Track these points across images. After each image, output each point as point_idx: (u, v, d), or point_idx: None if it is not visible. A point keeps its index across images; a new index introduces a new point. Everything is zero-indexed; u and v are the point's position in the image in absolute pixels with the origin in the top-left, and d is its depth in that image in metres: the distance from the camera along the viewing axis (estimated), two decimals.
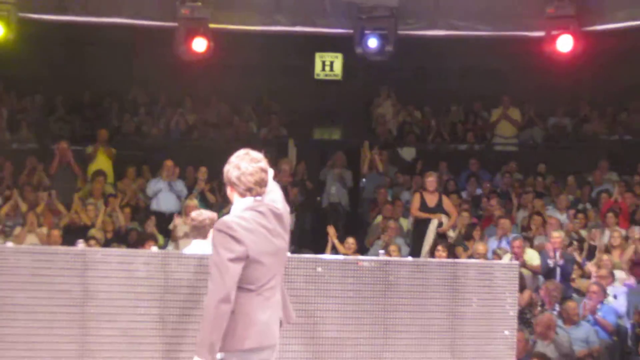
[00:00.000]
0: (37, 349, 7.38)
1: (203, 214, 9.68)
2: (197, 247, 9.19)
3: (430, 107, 20.28)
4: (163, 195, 17.33)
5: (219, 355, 6.01)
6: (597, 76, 18.05)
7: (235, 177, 6.35)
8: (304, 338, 7.90)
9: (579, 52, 15.25)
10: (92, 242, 14.21)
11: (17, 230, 15.20)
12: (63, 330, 7.43)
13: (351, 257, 11.79)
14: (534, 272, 14.43)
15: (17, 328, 7.32)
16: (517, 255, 14.32)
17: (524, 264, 14.26)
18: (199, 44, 15.41)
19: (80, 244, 10.33)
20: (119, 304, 7.70)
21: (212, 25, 15.56)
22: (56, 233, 14.96)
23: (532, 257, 14.57)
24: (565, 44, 15.10)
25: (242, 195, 6.37)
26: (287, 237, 6.59)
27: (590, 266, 14.44)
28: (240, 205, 6.39)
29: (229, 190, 6.42)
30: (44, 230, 15.18)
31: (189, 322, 7.80)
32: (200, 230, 9.46)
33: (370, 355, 8.06)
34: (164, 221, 16.71)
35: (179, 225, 15.64)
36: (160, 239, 15.92)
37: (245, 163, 6.41)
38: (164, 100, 20.66)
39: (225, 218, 6.31)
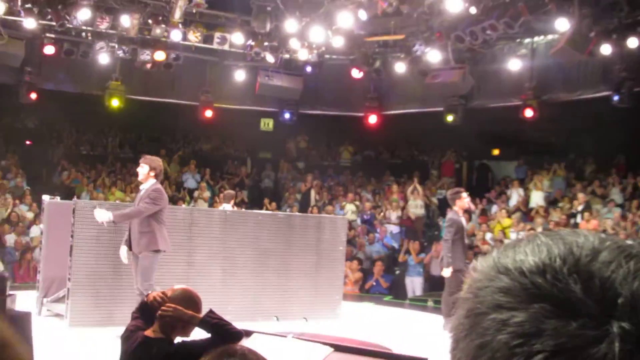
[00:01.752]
0: (173, 263, 7.58)
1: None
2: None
3: (310, 143, 19.63)
4: None
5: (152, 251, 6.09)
6: (389, 135, 17.64)
7: (160, 168, 6.46)
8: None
9: (381, 124, 16.07)
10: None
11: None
12: (176, 251, 7.36)
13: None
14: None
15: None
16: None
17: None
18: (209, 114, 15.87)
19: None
20: (217, 240, 8.22)
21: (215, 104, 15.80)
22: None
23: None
24: (373, 119, 16.06)
25: (157, 177, 6.38)
26: None
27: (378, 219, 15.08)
28: (152, 181, 6.37)
29: (152, 173, 6.31)
30: None
31: (245, 248, 8.65)
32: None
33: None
34: None
35: None
36: None
37: (161, 162, 6.56)
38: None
39: (156, 186, 6.33)
